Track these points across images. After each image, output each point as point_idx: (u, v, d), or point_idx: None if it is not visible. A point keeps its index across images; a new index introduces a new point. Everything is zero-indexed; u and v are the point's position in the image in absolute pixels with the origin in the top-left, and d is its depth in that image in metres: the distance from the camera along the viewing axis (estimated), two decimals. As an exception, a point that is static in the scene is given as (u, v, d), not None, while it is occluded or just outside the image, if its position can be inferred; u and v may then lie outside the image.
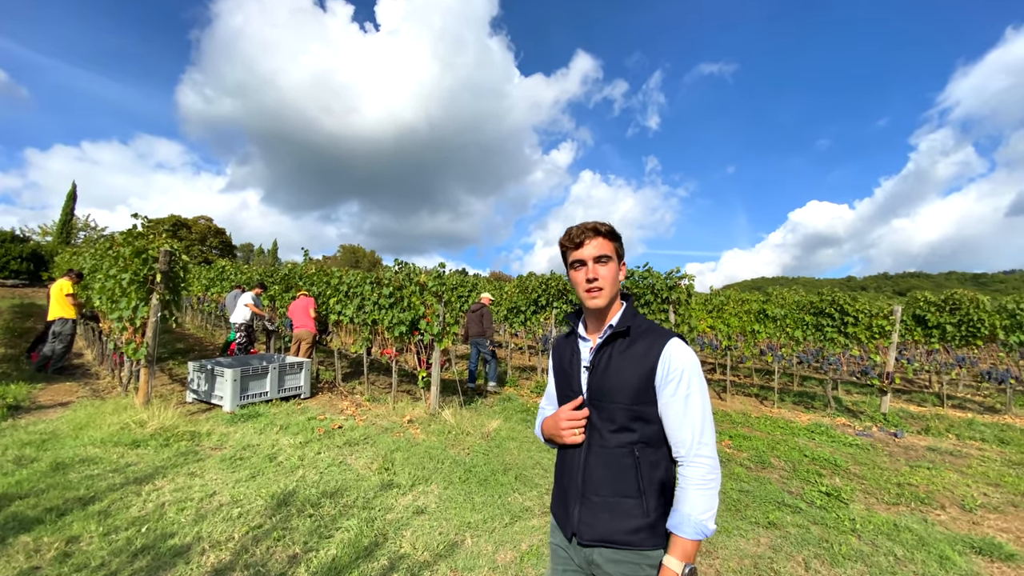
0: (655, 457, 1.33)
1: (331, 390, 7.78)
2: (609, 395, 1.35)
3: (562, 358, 1.53)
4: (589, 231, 1.39)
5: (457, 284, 9.80)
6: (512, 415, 6.55)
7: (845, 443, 6.18)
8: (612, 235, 1.42)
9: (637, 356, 1.34)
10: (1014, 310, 8.23)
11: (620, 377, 1.34)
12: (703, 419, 1.30)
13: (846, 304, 7.75)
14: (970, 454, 5.92)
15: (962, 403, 9.40)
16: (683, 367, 1.30)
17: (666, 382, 1.31)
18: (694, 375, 1.31)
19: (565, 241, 1.43)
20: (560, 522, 1.44)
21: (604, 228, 1.40)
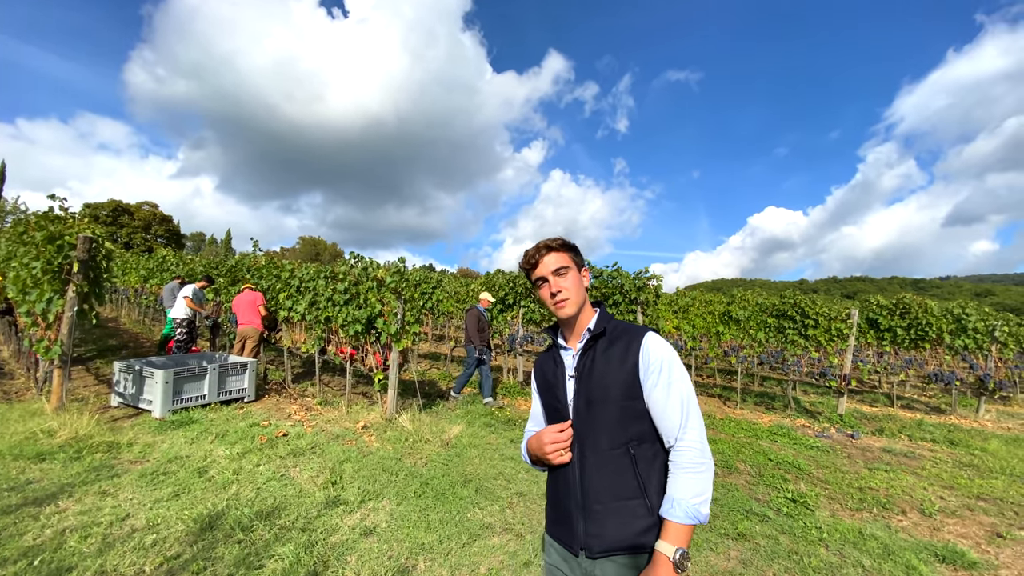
0: (651, 452, 1.35)
1: (280, 392, 7.22)
2: (598, 396, 1.37)
3: (545, 372, 1.54)
4: (542, 249, 1.46)
5: (420, 280, 9.37)
6: (475, 420, 6.22)
7: (806, 445, 6.22)
8: (565, 247, 1.48)
9: (618, 354, 1.38)
10: (959, 315, 8.59)
11: (606, 377, 1.37)
12: (687, 405, 1.33)
13: (807, 307, 7.87)
14: (923, 455, 6.06)
15: (910, 403, 9.80)
16: (662, 357, 1.35)
17: (648, 374, 1.34)
18: (674, 364, 1.36)
19: (524, 264, 1.51)
20: (563, 541, 1.42)
21: (556, 243, 1.47)
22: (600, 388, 1.37)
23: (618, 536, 1.31)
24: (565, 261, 1.45)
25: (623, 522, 1.31)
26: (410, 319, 5.62)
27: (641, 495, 1.31)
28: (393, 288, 5.48)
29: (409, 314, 5.63)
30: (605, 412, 1.36)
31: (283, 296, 7.01)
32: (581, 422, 1.39)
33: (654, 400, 1.34)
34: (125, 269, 14.88)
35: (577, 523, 1.36)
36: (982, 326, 8.40)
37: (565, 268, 1.44)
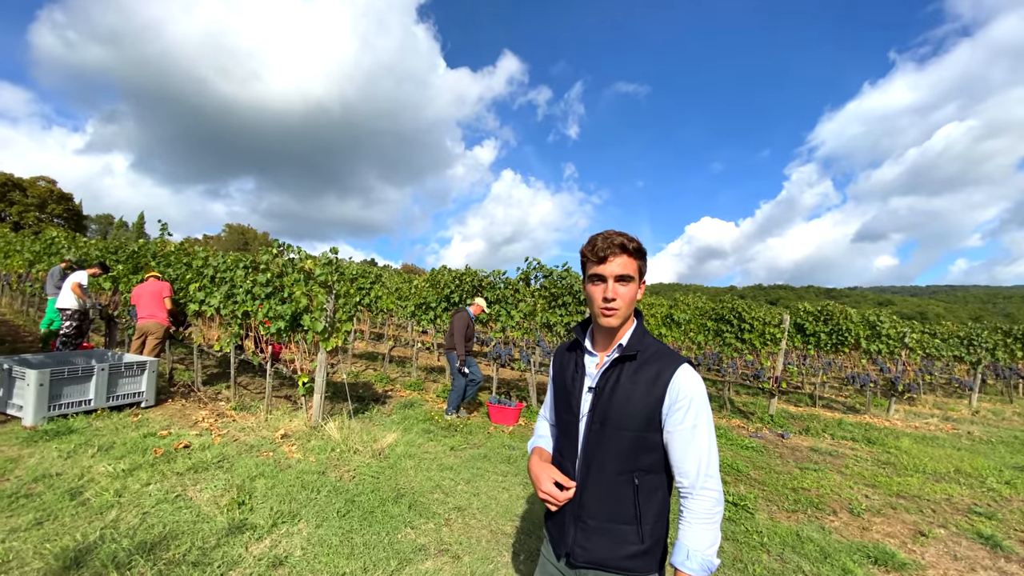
0: (654, 484, 1.32)
1: (187, 396, 6.36)
2: (614, 421, 1.31)
3: (564, 372, 1.47)
4: (616, 247, 1.30)
5: (358, 274, 8.72)
6: (413, 426, 5.78)
7: (742, 446, 6.35)
8: (638, 253, 1.34)
9: (646, 382, 1.29)
10: (875, 322, 9.26)
11: (628, 403, 1.30)
12: (709, 450, 1.26)
13: (744, 311, 8.12)
14: (845, 454, 6.38)
15: (829, 403, 10.50)
16: (692, 395, 1.25)
17: (673, 410, 1.26)
18: (702, 404, 1.27)
19: (587, 252, 1.35)
20: (553, 541, 1.43)
21: (632, 245, 1.32)
22: (618, 413, 1.30)
23: (604, 555, 1.30)
24: (631, 269, 1.32)
25: (612, 543, 1.30)
26: (342, 316, 5.08)
27: (636, 523, 1.29)
28: (323, 281, 4.92)
29: (342, 310, 5.09)
30: (618, 438, 1.30)
31: (194, 287, 6.18)
32: (592, 439, 1.34)
33: (676, 440, 1.27)
34: (7, 252, 12.83)
35: (568, 529, 1.36)
36: (894, 333, 9.10)
37: (629, 277, 1.32)
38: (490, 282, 7.29)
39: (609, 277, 1.30)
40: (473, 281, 7.28)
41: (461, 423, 5.97)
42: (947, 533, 4.09)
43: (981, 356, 10.73)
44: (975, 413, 10.30)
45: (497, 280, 7.21)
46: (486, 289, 7.31)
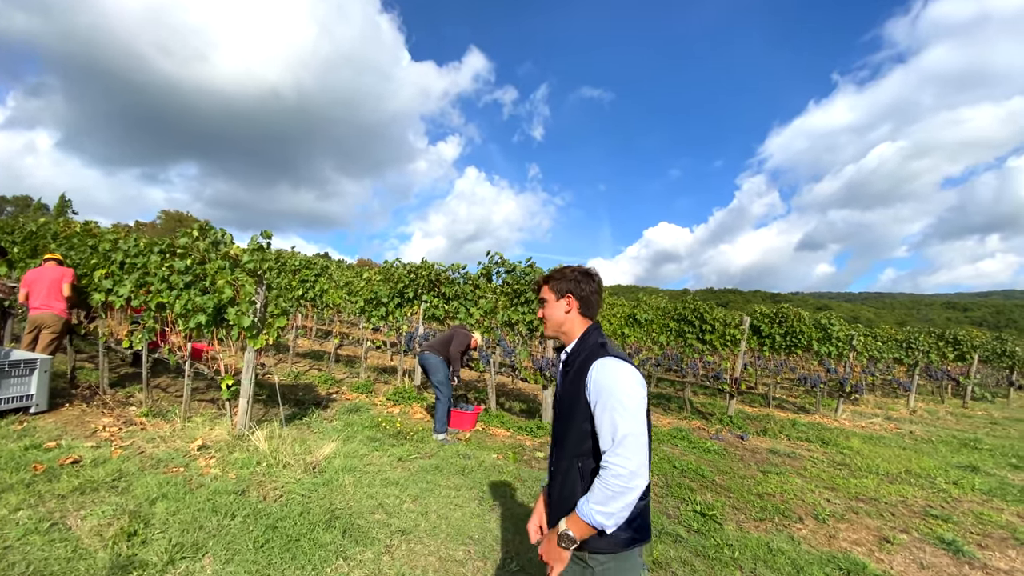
0: (592, 467, 1.49)
1: (91, 400, 5.49)
2: (563, 415, 1.60)
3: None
4: (536, 283, 1.79)
5: (301, 265, 7.98)
6: (357, 433, 5.21)
7: (704, 448, 6.21)
8: (546, 280, 1.73)
9: (575, 380, 1.54)
10: (826, 324, 9.48)
11: (566, 401, 1.58)
12: (615, 428, 1.39)
13: (705, 312, 8.05)
14: (803, 455, 6.37)
15: (781, 403, 10.72)
16: (603, 387, 1.45)
17: (593, 399, 1.47)
18: (614, 391, 1.43)
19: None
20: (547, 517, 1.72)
21: (540, 279, 1.76)
22: (563, 409, 1.59)
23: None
24: (545, 294, 1.71)
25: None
26: (275, 310, 4.46)
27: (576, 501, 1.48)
28: (251, 269, 4.28)
29: (275, 303, 4.47)
30: (565, 428, 1.57)
31: (100, 274, 5.33)
32: (555, 430, 1.67)
33: (597, 423, 1.46)
34: None
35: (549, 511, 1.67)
36: (843, 335, 9.35)
37: (544, 300, 1.72)
38: (448, 277, 6.80)
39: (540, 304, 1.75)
40: (429, 275, 6.77)
41: (413, 432, 5.45)
42: (910, 539, 4.01)
43: (918, 358, 11.30)
44: (913, 412, 10.82)
45: (456, 275, 6.74)
46: (444, 284, 6.83)
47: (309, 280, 7.92)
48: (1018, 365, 14.34)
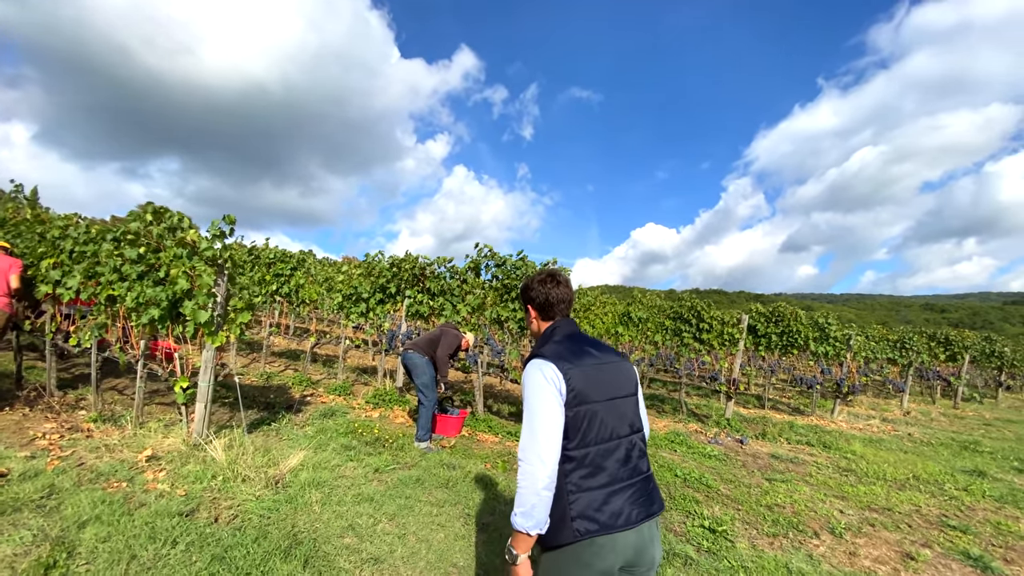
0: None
1: (35, 403, 4.95)
2: None
3: None
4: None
5: (276, 258, 7.46)
6: (330, 441, 4.75)
7: (704, 454, 5.88)
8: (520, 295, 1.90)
9: None
10: (823, 324, 9.24)
11: None
12: (526, 432, 1.46)
13: (703, 311, 7.74)
14: (806, 460, 6.08)
15: (775, 405, 10.49)
16: (523, 387, 1.54)
17: None
18: (526, 393, 1.51)
19: None
20: None
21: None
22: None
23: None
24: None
25: None
26: (239, 304, 3.98)
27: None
28: (211, 258, 3.80)
29: (240, 297, 3.99)
30: None
31: (47, 264, 4.80)
32: None
33: None
34: None
35: None
36: (840, 335, 9.12)
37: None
38: (433, 271, 6.37)
39: None
40: (413, 269, 6.33)
41: (392, 439, 5.01)
42: (933, 555, 3.70)
43: (912, 359, 11.16)
44: (907, 414, 10.68)
45: (442, 269, 6.31)
46: (429, 279, 6.39)
47: (284, 274, 7.41)
48: (1006, 365, 14.36)
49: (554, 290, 1.71)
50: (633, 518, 1.46)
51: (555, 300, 1.71)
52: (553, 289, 1.71)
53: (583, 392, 1.48)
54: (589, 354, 1.58)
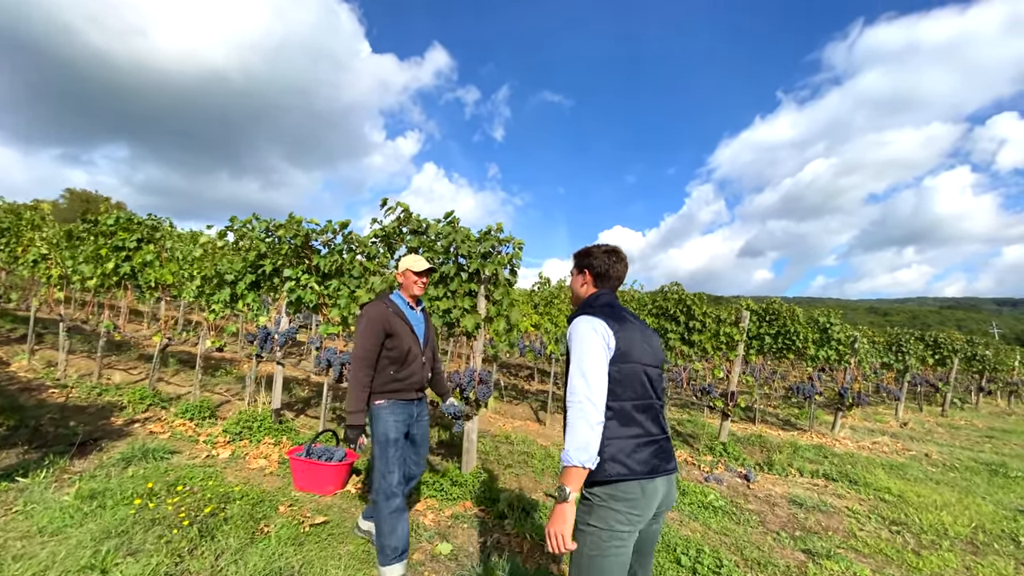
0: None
1: None
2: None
3: None
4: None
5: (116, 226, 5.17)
6: (96, 518, 2.70)
7: (704, 504, 4.18)
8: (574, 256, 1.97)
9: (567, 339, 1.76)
10: (825, 324, 7.82)
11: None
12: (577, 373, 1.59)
13: (694, 306, 6.09)
14: (836, 507, 4.49)
15: (765, 417, 9.06)
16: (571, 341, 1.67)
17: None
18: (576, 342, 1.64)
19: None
20: None
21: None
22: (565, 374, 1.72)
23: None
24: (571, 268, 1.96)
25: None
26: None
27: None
28: None
29: None
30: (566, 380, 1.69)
31: None
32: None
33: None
34: None
35: None
36: (845, 337, 7.72)
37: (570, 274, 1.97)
38: (328, 242, 4.41)
39: None
40: (296, 239, 4.33)
41: (232, 516, 3.02)
42: None
43: (909, 364, 10.00)
44: (903, 425, 9.48)
45: (336, 239, 4.35)
46: (317, 254, 4.40)
47: (126, 247, 5.25)
48: (987, 369, 13.63)
49: (617, 265, 1.83)
50: (659, 470, 1.62)
51: (614, 275, 1.83)
52: (617, 264, 1.82)
53: (627, 352, 1.63)
54: (630, 322, 1.71)
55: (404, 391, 2.62)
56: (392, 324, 2.55)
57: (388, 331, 2.53)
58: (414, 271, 2.65)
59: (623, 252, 1.86)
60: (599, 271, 1.81)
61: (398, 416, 2.58)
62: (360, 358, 2.49)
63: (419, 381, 2.69)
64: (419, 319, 2.75)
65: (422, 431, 2.79)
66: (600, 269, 1.81)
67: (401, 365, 2.59)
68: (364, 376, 2.48)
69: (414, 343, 2.64)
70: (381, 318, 2.53)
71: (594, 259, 1.82)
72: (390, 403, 2.57)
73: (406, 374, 2.61)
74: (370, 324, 2.51)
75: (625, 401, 1.61)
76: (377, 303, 2.60)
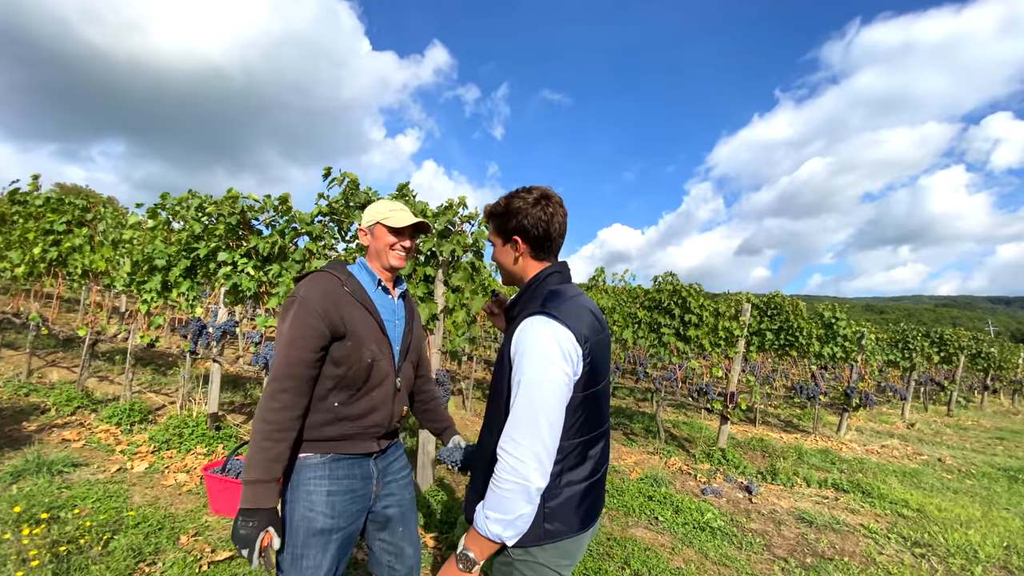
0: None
1: None
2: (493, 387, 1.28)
3: None
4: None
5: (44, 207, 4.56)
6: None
7: (700, 524, 3.64)
8: (489, 216, 1.36)
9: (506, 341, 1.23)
10: (830, 319, 7.29)
11: (498, 366, 1.26)
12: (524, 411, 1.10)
13: (690, 298, 5.53)
14: (850, 525, 3.96)
15: (766, 418, 8.54)
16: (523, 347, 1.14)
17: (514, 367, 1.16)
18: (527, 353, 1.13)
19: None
20: None
21: (487, 210, 1.38)
22: (494, 376, 1.28)
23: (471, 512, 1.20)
24: (490, 234, 1.38)
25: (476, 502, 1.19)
26: None
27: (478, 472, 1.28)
28: None
29: None
30: (490, 402, 1.28)
31: None
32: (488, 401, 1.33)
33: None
34: None
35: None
36: (851, 333, 7.19)
37: (491, 242, 1.38)
38: (270, 221, 3.83)
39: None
40: (232, 216, 3.75)
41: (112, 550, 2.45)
42: None
43: (916, 361, 9.50)
44: (911, 426, 8.98)
45: (277, 218, 3.76)
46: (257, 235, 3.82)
47: (55, 229, 4.65)
48: (993, 367, 13.17)
49: (556, 217, 1.27)
50: (598, 511, 1.28)
51: (556, 233, 1.28)
52: (555, 216, 1.26)
53: (596, 371, 1.20)
54: (594, 317, 1.25)
55: (357, 438, 1.49)
56: (345, 316, 1.42)
57: (336, 328, 1.40)
58: (389, 226, 1.51)
59: (557, 196, 1.29)
60: (536, 233, 1.26)
61: (339, 484, 1.45)
62: (280, 379, 1.35)
63: (385, 420, 1.54)
64: (396, 309, 1.60)
65: (400, 503, 1.61)
66: (537, 230, 1.25)
67: (355, 391, 1.46)
68: (281, 413, 1.33)
69: (383, 351, 1.50)
70: (324, 304, 1.39)
71: (523, 216, 1.25)
72: (326, 460, 1.44)
73: (363, 408, 1.48)
74: (303, 316, 1.37)
75: (580, 437, 1.19)
76: (321, 277, 1.46)
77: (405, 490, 1.64)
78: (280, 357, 1.36)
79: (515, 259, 1.30)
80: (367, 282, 1.54)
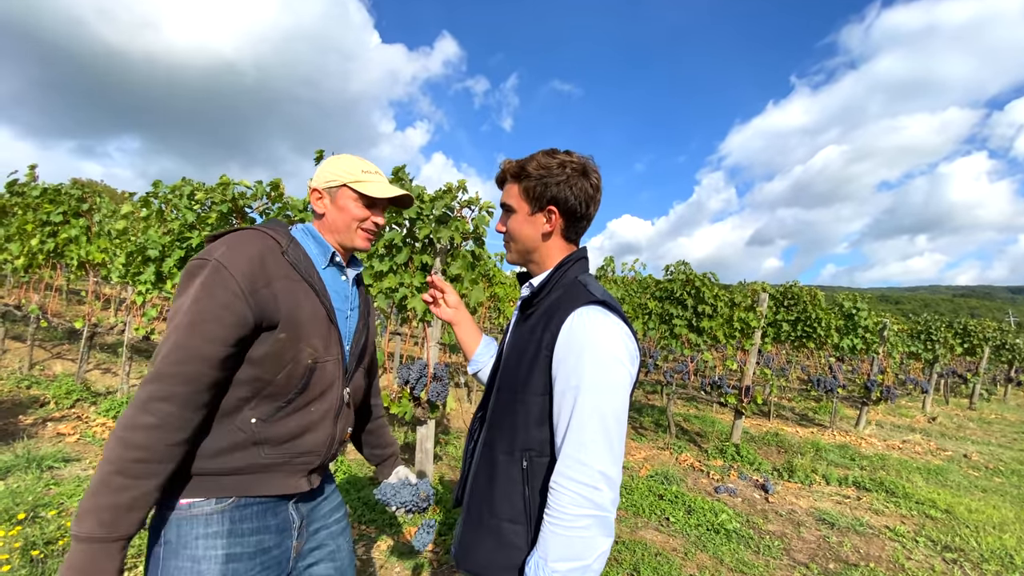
0: (548, 469, 0.97)
1: None
2: (505, 382, 1.05)
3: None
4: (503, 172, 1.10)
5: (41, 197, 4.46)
6: None
7: (714, 526, 3.46)
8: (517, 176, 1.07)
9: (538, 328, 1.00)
10: (850, 309, 7.00)
11: (516, 358, 1.03)
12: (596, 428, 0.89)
13: (704, 288, 5.30)
14: (874, 527, 3.75)
15: (780, 412, 8.30)
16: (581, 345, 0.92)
17: (560, 365, 0.94)
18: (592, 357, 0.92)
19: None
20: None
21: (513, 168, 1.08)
22: (508, 370, 1.05)
23: (488, 562, 1.00)
24: (512, 198, 1.07)
25: (498, 548, 0.98)
26: None
27: (526, 521, 0.97)
28: None
29: None
30: (507, 403, 1.03)
31: None
32: (491, 405, 1.08)
33: (554, 403, 0.95)
34: None
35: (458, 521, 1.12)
36: (872, 324, 6.90)
37: (509, 207, 1.08)
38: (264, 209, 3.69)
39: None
40: (223, 204, 3.60)
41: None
42: None
43: (939, 353, 9.16)
44: (932, 420, 8.68)
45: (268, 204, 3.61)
46: (247, 222, 3.69)
47: (52, 220, 4.56)
48: (1017, 359, 12.72)
49: (598, 195, 1.06)
50: None
51: (591, 214, 1.07)
52: (598, 192, 1.06)
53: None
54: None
55: (278, 471, 1.03)
56: (280, 296, 0.98)
57: (265, 312, 0.95)
58: (362, 193, 1.10)
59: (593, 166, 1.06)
60: (578, 208, 1.03)
61: (243, 543, 0.98)
62: (163, 379, 0.86)
63: (323, 446, 1.09)
64: (350, 297, 1.18)
65: (334, 557, 1.18)
66: (580, 204, 1.03)
67: (284, 404, 1.01)
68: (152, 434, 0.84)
69: (329, 350, 1.07)
70: (251, 275, 0.94)
71: (569, 185, 1.01)
72: (225, 509, 0.97)
73: (293, 428, 1.03)
74: (216, 289, 0.91)
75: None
76: (250, 236, 1.00)
77: (340, 538, 1.19)
78: (168, 347, 0.87)
79: (545, 234, 1.05)
80: (316, 255, 1.09)
